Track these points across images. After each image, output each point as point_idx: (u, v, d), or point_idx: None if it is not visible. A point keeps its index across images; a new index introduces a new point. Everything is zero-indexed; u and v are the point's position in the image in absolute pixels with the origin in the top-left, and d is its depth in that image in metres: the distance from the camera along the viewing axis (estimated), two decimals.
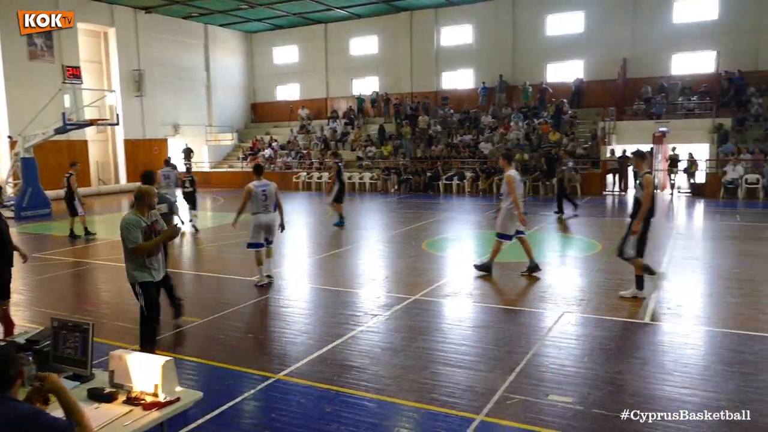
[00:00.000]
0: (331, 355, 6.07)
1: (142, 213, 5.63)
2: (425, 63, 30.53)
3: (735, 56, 23.66)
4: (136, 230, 5.51)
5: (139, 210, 5.64)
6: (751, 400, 4.83)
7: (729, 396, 4.94)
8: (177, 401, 3.33)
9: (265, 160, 30.45)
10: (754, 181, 19.77)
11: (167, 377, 3.35)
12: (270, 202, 8.85)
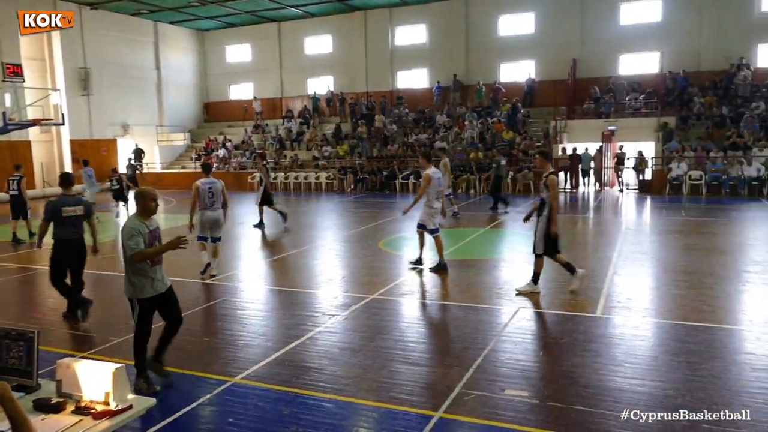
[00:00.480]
0: (288, 357, 6.01)
1: (143, 218, 5.16)
2: (380, 62, 30.60)
3: (678, 57, 24.56)
4: (138, 236, 5.01)
5: (139, 215, 5.18)
6: (696, 388, 5.02)
7: (676, 385, 5.12)
8: (129, 409, 3.23)
9: (218, 160, 29.96)
10: (697, 178, 20.55)
11: (118, 384, 3.25)
12: (216, 200, 9.34)
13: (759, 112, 22.12)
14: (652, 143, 23.29)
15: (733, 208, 17.04)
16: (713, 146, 21.24)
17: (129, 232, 5.02)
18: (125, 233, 5.02)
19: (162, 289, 5.26)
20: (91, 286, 9.74)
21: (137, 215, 5.18)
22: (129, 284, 5.16)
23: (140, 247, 5.00)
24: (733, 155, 20.51)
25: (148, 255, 5.06)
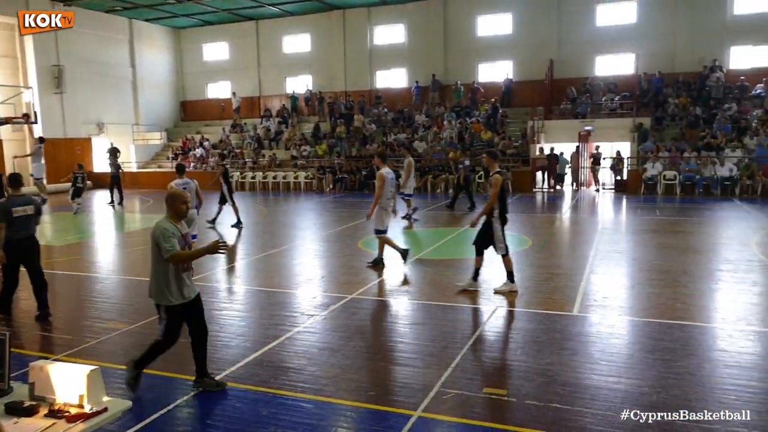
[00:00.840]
0: (267, 357, 5.98)
1: (174, 221, 4.93)
2: (359, 62, 30.57)
3: (653, 58, 24.94)
4: (173, 238, 4.80)
5: (170, 218, 4.94)
6: (670, 385, 5.11)
7: (651, 382, 5.20)
8: (104, 411, 3.19)
9: (196, 159, 29.66)
10: (672, 178, 20.89)
11: (93, 387, 3.20)
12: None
13: (731, 113, 22.57)
14: (627, 143, 23.63)
15: (706, 208, 17.36)
16: (687, 147, 21.61)
17: (164, 234, 4.79)
18: (160, 235, 4.80)
19: (191, 295, 5.07)
20: (64, 287, 9.59)
21: (168, 218, 4.94)
22: (158, 289, 4.94)
23: (176, 249, 4.79)
24: (706, 156, 20.89)
25: (185, 258, 4.88)
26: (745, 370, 5.47)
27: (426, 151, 25.39)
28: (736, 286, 8.49)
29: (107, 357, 6.08)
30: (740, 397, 4.89)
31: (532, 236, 12.72)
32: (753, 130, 21.42)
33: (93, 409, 3.15)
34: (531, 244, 11.85)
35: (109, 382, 5.13)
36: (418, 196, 22.14)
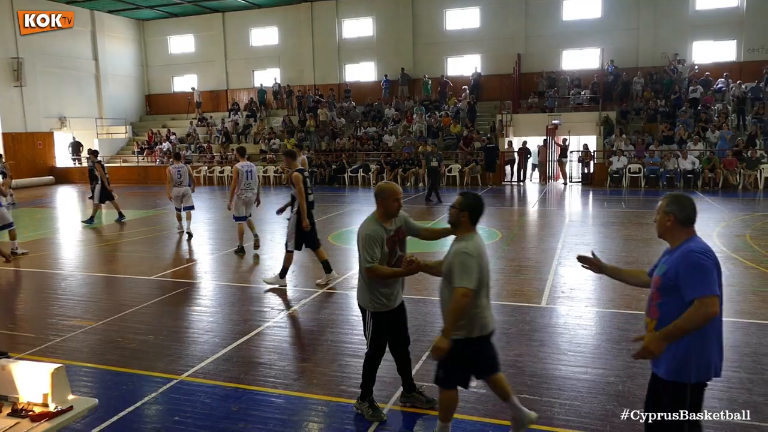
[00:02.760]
0: (237, 353, 5.93)
1: (382, 220, 4.40)
2: (328, 55, 30.41)
3: (618, 53, 25.39)
4: (376, 246, 4.28)
5: (379, 217, 4.40)
6: (636, 374, 5.22)
7: (617, 372, 5.31)
8: (70, 410, 3.12)
9: (162, 153, 29.17)
10: (636, 171, 21.33)
11: (58, 385, 3.13)
12: (184, 179, 12.91)
13: (696, 95, 23.11)
14: (594, 137, 24.02)
15: None
16: (651, 140, 22.08)
17: (367, 240, 4.29)
18: (362, 240, 4.32)
19: (394, 304, 4.56)
20: (27, 285, 9.36)
21: (376, 217, 4.41)
22: (364, 293, 4.49)
23: (376, 258, 4.28)
24: (669, 149, 21.37)
25: (384, 276, 4.34)
26: None
27: (396, 144, 25.43)
28: None
29: (72, 355, 5.95)
30: None
31: (502, 229, 12.85)
32: (714, 123, 21.98)
33: (58, 407, 3.09)
34: (500, 237, 11.97)
35: (74, 380, 5.04)
36: None
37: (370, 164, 24.67)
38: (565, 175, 23.22)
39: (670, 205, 3.23)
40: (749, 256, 9.87)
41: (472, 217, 3.92)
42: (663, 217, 3.25)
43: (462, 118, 25.89)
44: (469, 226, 3.93)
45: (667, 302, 3.14)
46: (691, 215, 3.20)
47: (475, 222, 3.95)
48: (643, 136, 22.38)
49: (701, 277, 3.01)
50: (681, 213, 3.19)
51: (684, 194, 3.32)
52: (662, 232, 3.30)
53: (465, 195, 4.01)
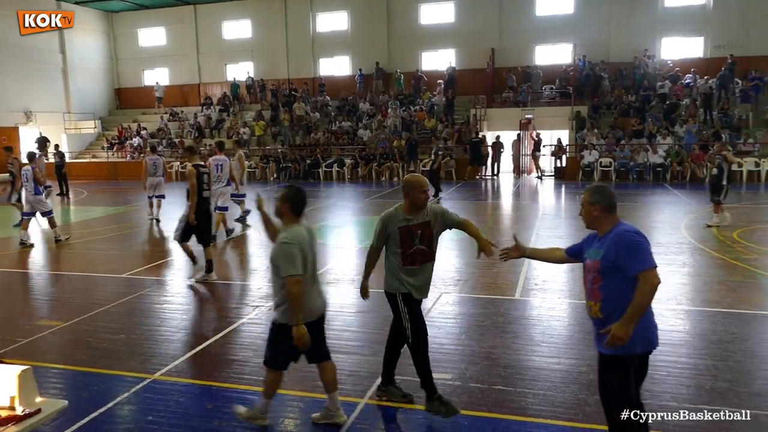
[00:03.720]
0: (211, 351, 5.87)
1: (408, 212, 4.34)
2: (301, 49, 30.19)
3: (589, 48, 25.69)
4: (384, 230, 4.37)
5: (404, 208, 4.37)
6: None
7: (589, 362, 5.38)
8: (38, 413, 3.06)
9: (133, 149, 28.69)
10: (607, 165, 21.65)
11: (25, 388, 3.07)
12: (158, 170, 14.01)
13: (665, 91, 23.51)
14: (566, 131, 24.31)
15: (639, 193, 18.07)
16: (622, 135, 22.42)
17: (377, 222, 4.43)
18: (377, 223, 4.42)
19: (420, 296, 4.53)
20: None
21: (401, 207, 4.38)
22: (390, 278, 4.50)
23: (381, 243, 4.42)
24: (638, 143, 21.73)
25: (366, 264, 4.59)
26: (675, 347, 5.74)
27: (370, 139, 25.40)
28: (667, 267, 8.89)
29: (40, 356, 5.83)
30: (671, 372, 5.14)
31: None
32: (683, 117, 22.40)
33: (25, 410, 3.03)
34: None
35: (43, 382, 4.94)
36: (365, 185, 22.15)
37: (345, 159, 24.60)
38: (538, 169, 23.47)
39: (594, 196, 3.46)
40: (716, 246, 10.10)
41: (294, 208, 4.14)
42: (589, 207, 3.47)
43: (437, 112, 25.96)
44: (292, 216, 4.14)
45: (608, 284, 3.33)
46: (613, 202, 3.46)
47: (298, 213, 4.17)
48: (614, 130, 22.72)
49: (640, 253, 3.25)
50: (605, 201, 3.43)
51: (602, 185, 3.54)
52: (590, 222, 3.52)
53: (288, 188, 4.28)
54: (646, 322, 3.32)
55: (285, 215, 4.17)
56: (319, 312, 4.28)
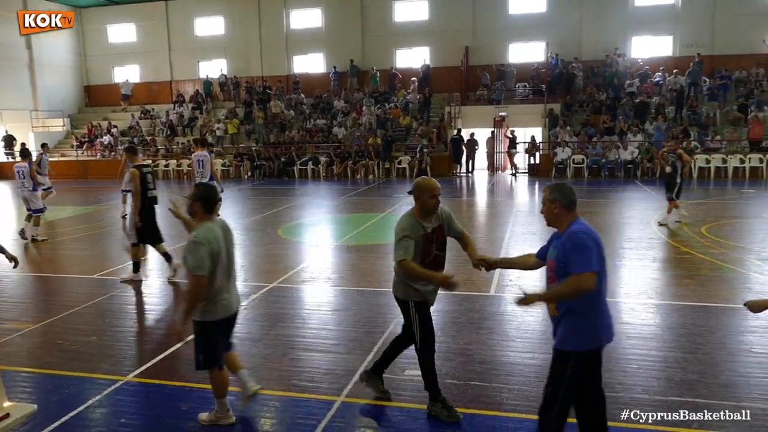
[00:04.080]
0: (185, 351, 5.79)
1: (419, 216, 4.27)
2: (275, 46, 29.95)
3: (562, 47, 25.97)
4: (409, 239, 4.17)
5: (415, 213, 4.29)
6: None
7: None
8: (6, 418, 3.00)
9: (104, 147, 28.18)
10: (580, 162, 21.94)
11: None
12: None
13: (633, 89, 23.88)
14: (539, 129, 24.56)
15: (611, 190, 18.36)
16: (594, 132, 22.73)
17: (399, 234, 4.21)
18: (396, 233, 4.24)
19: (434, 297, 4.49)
20: None
21: (413, 213, 4.30)
22: (403, 286, 4.38)
23: (409, 253, 4.16)
24: (610, 140, 22.06)
25: (414, 274, 4.19)
26: (645, 340, 5.86)
27: (345, 137, 25.35)
28: (638, 262, 9.05)
29: (8, 360, 5.71)
30: (641, 365, 5.25)
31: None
32: (652, 115, 22.80)
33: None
34: None
35: (11, 387, 4.84)
36: (340, 183, 22.09)
37: (320, 157, 24.51)
38: (513, 166, 23.67)
39: (554, 193, 3.51)
40: (685, 241, 10.31)
41: (205, 206, 4.21)
42: (549, 205, 3.52)
43: (411, 110, 26.01)
44: (204, 214, 4.21)
45: None
46: (573, 199, 3.50)
47: (210, 210, 4.24)
48: (586, 128, 23.03)
49: (581, 254, 3.27)
50: (565, 199, 3.48)
51: (562, 182, 3.59)
52: (551, 219, 3.57)
53: (197, 186, 4.40)
54: (594, 320, 3.37)
55: (197, 213, 4.23)
56: (234, 308, 4.37)
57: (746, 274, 8.21)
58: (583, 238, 3.32)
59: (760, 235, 11.07)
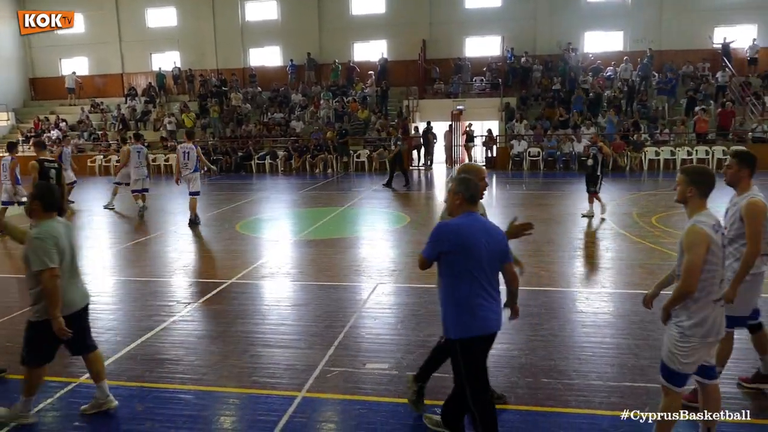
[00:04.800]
0: (140, 351, 5.68)
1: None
2: (230, 38, 29.42)
3: (517, 41, 26.32)
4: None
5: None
6: (537, 347, 5.52)
7: (520, 345, 5.58)
8: None
9: (51, 142, 27.20)
10: (536, 154, 22.33)
11: None
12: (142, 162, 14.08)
13: (587, 86, 24.43)
14: (496, 122, 24.88)
15: (566, 182, 18.75)
16: (549, 125, 23.16)
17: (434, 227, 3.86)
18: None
19: None
20: None
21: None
22: None
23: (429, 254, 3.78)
24: (564, 133, 22.51)
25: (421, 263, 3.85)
26: (599, 328, 6.03)
27: (304, 130, 25.14)
28: (592, 252, 9.29)
29: None
30: (595, 353, 5.39)
31: (410, 213, 13.06)
32: (604, 108, 23.37)
33: None
34: (409, 221, 12.17)
35: None
36: (298, 177, 21.91)
37: (278, 151, 24.25)
38: (470, 159, 23.91)
39: (459, 186, 3.67)
40: (636, 232, 10.63)
41: (44, 205, 4.18)
42: (453, 197, 3.69)
43: (369, 103, 25.98)
44: (43, 213, 4.19)
45: None
46: (474, 194, 3.69)
47: (49, 209, 4.22)
48: (541, 121, 23.44)
49: (429, 240, 3.61)
50: (467, 192, 3.65)
51: (468, 177, 3.76)
52: (452, 210, 3.72)
53: (35, 186, 4.54)
54: (460, 310, 3.56)
55: (35, 212, 4.20)
56: (80, 304, 4.38)
57: None
58: (435, 228, 3.63)
59: None
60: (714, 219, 3.53)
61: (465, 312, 3.55)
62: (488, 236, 3.61)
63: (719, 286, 3.56)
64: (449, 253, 3.53)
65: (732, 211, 4.31)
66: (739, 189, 4.31)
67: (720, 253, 3.52)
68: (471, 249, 3.50)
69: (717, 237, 3.49)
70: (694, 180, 3.56)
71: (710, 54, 24.88)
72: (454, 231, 3.54)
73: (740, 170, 4.25)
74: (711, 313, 3.54)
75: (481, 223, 3.66)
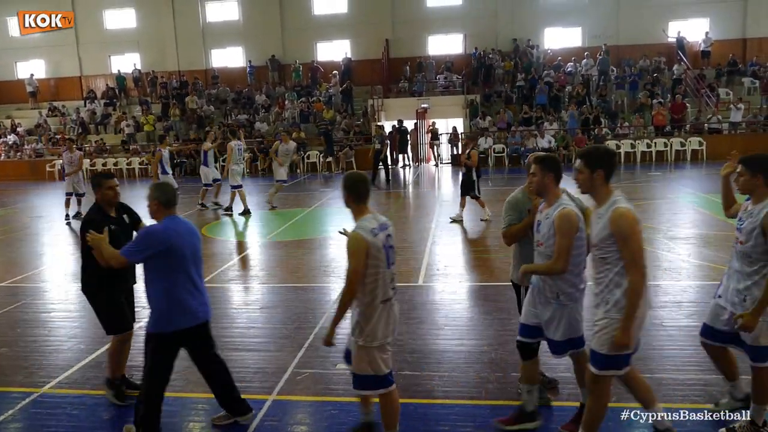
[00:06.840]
0: (105, 358, 5.55)
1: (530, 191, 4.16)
2: (192, 39, 28.97)
3: (479, 38, 26.58)
4: (513, 210, 4.33)
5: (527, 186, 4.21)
6: (506, 341, 5.57)
7: (489, 341, 5.64)
8: None
9: (8, 147, 26.40)
10: (500, 151, 22.58)
11: None
12: None
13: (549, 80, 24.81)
14: (460, 120, 25.06)
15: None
16: (512, 121, 23.45)
17: (505, 206, 4.44)
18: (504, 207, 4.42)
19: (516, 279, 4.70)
20: None
21: (524, 188, 4.30)
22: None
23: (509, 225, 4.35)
24: (528, 129, 22.82)
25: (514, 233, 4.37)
26: None
27: (269, 131, 24.92)
28: None
29: None
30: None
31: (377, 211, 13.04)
32: (565, 104, 23.77)
33: None
34: None
35: None
36: (264, 178, 21.70)
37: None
38: (436, 157, 24.04)
39: (155, 192, 3.98)
40: None
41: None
42: (150, 203, 3.99)
43: (335, 103, 25.90)
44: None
45: None
46: (172, 199, 4.00)
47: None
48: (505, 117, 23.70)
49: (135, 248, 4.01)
50: (163, 197, 3.96)
51: (166, 182, 4.10)
52: (155, 216, 4.08)
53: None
54: (162, 305, 3.94)
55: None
56: None
57: (656, 252, 8.72)
58: (144, 234, 4.04)
59: (667, 215, 11.78)
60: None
61: (183, 308, 3.94)
62: (192, 236, 4.10)
63: None
64: (159, 254, 3.83)
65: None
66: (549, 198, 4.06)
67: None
68: (178, 249, 3.88)
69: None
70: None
71: (665, 48, 25.53)
72: (163, 235, 3.87)
73: (544, 176, 4.07)
74: None
75: (184, 224, 4.07)
